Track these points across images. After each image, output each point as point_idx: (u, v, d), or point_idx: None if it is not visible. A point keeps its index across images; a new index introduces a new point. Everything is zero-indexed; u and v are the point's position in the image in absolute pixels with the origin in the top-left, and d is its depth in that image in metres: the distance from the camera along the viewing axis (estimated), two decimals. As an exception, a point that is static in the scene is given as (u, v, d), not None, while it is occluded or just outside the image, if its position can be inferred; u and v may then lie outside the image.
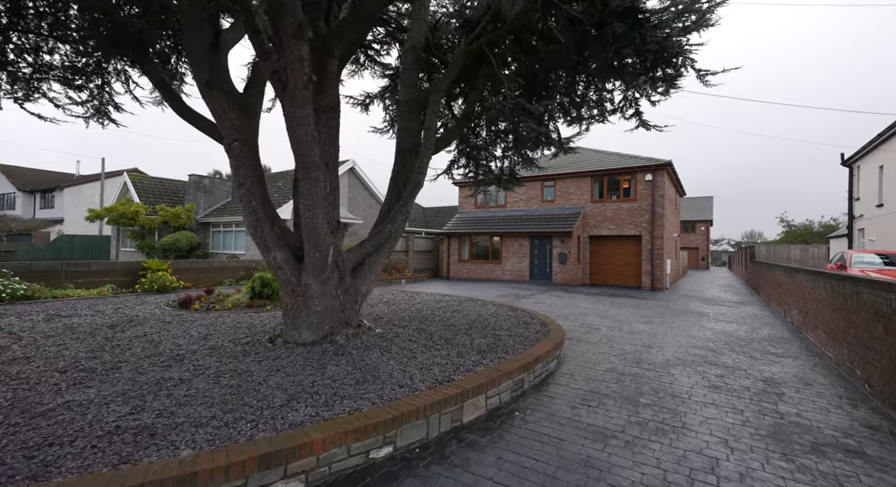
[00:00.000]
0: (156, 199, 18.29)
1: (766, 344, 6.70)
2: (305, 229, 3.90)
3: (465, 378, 3.77)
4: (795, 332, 7.72)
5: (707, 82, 5.47)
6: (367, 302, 8.42)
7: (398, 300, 9.05)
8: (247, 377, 3.41)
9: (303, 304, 4.12)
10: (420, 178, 5.29)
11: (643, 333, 7.23)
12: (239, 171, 3.84)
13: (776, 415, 3.75)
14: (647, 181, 15.99)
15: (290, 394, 3.11)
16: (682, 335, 7.18)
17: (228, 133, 3.79)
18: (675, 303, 11.56)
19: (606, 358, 5.54)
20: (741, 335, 7.35)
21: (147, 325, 5.49)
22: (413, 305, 8.24)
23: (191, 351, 4.09)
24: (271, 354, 3.98)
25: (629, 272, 16.62)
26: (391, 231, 5.08)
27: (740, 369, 5.20)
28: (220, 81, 3.77)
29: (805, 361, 5.68)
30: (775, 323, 8.77)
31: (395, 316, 6.72)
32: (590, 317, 8.73)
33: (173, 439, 2.36)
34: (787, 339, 7.08)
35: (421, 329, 5.65)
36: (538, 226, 17.31)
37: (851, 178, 17.35)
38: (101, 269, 8.95)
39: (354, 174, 19.14)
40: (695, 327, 7.97)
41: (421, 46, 6.07)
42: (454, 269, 19.53)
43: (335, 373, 3.60)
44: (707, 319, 8.95)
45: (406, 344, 4.65)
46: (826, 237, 26.54)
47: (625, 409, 3.81)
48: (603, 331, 7.30)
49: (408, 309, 7.71)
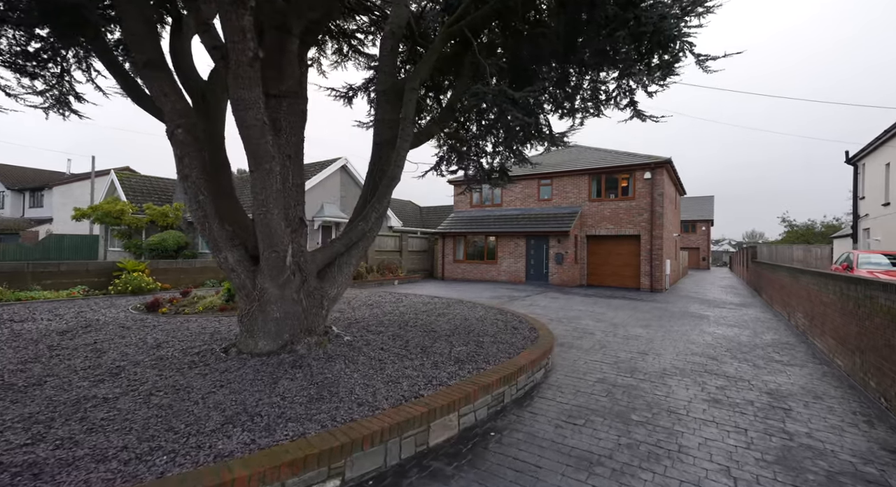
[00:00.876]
0: (144, 198, 17.89)
1: (769, 350, 6.28)
2: (259, 227, 3.50)
3: (435, 393, 3.37)
4: (801, 337, 7.30)
5: (707, 68, 5.06)
6: (349, 305, 8.01)
7: (383, 302, 8.64)
8: (184, 394, 3.00)
9: (259, 310, 3.72)
10: (396, 172, 4.89)
11: (639, 338, 6.82)
12: (183, 162, 3.44)
13: (784, 436, 3.34)
14: (645, 179, 15.57)
15: (227, 416, 2.70)
16: (681, 340, 6.77)
17: (171, 118, 3.38)
18: (674, 305, 11.15)
19: (598, 367, 5.13)
20: (743, 340, 6.94)
21: (102, 332, 5.09)
22: (398, 308, 7.83)
23: (133, 363, 3.68)
24: (221, 366, 3.57)
25: (627, 273, 16.20)
26: (364, 229, 4.67)
27: (743, 379, 4.79)
28: (161, 63, 3.35)
29: (813, 370, 5.27)
30: (779, 327, 8.36)
31: (374, 321, 6.32)
32: (584, 321, 8.32)
33: (61, 480, 1.95)
34: (792, 345, 6.67)
35: (398, 335, 5.24)
36: (534, 226, 16.89)
37: (856, 177, 16.91)
38: (73, 270, 8.55)
39: (346, 171, 18.73)
40: (694, 331, 7.56)
41: (401, 32, 5.67)
42: (449, 270, 19.12)
43: (287, 389, 3.19)
44: (707, 323, 8.54)
45: (376, 354, 4.24)
46: (829, 237, 26.10)
47: (614, 428, 3.40)
48: (597, 336, 6.89)
49: (391, 312, 7.31)
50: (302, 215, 4.14)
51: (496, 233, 17.79)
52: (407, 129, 4.96)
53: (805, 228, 39.06)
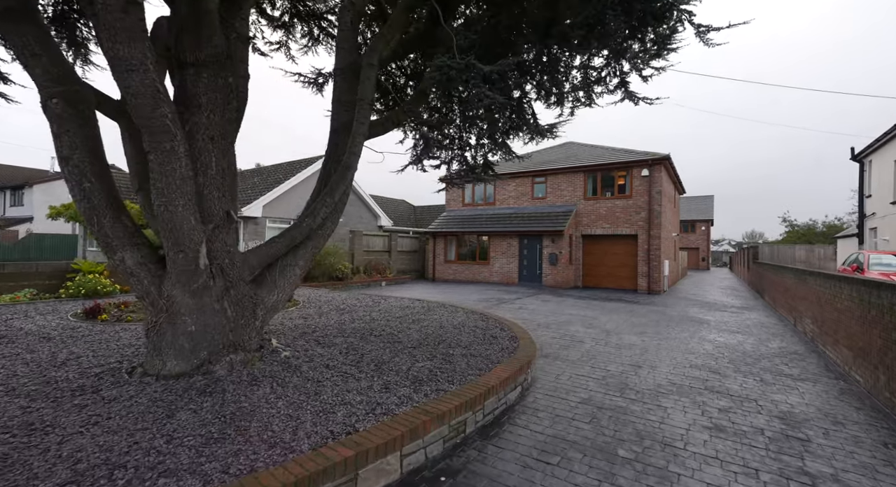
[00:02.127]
0: (125, 195, 17.21)
1: (777, 361, 5.65)
2: (161, 222, 2.86)
3: (374, 426, 2.73)
4: (810, 345, 6.67)
5: (709, 41, 4.42)
6: (319, 311, 7.36)
7: (358, 306, 7.99)
8: (38, 436, 2.35)
9: (168, 323, 3.07)
10: (351, 160, 4.24)
11: (633, 347, 6.18)
12: (62, 140, 2.78)
13: (805, 480, 2.70)
14: (643, 176, 14.93)
15: (77, 471, 2.05)
16: (679, 349, 6.13)
17: (43, 85, 2.73)
18: (672, 309, 10.51)
19: (584, 384, 4.48)
20: (747, 349, 6.30)
21: (15, 344, 4.43)
22: (370, 313, 7.18)
23: (10, 389, 3.03)
24: (111, 393, 2.92)
25: (624, 274, 15.56)
26: (311, 226, 4.02)
27: (749, 399, 4.15)
28: (26, 10, 2.65)
29: (828, 386, 4.63)
30: (784, 332, 7.72)
31: (336, 329, 5.67)
32: (574, 327, 7.67)
33: None
34: (801, 355, 6.03)
35: (353, 348, 4.59)
36: (528, 225, 16.24)
37: (862, 174, 16.28)
38: (22, 271, 7.90)
39: (334, 169, 18.07)
40: (693, 339, 6.92)
41: (362, 4, 5.03)
42: (440, 271, 18.47)
43: (182, 426, 2.55)
44: (708, 328, 7.90)
45: (317, 373, 3.58)
46: (833, 237, 25.48)
47: (595, 469, 2.76)
48: (586, 345, 6.25)
49: (360, 318, 6.66)
50: (230, 208, 3.49)
51: (488, 233, 17.14)
52: (364, 111, 4.32)
53: (806, 228, 38.46)
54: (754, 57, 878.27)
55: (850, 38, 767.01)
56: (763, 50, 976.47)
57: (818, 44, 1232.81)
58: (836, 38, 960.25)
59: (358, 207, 19.49)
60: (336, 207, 4.43)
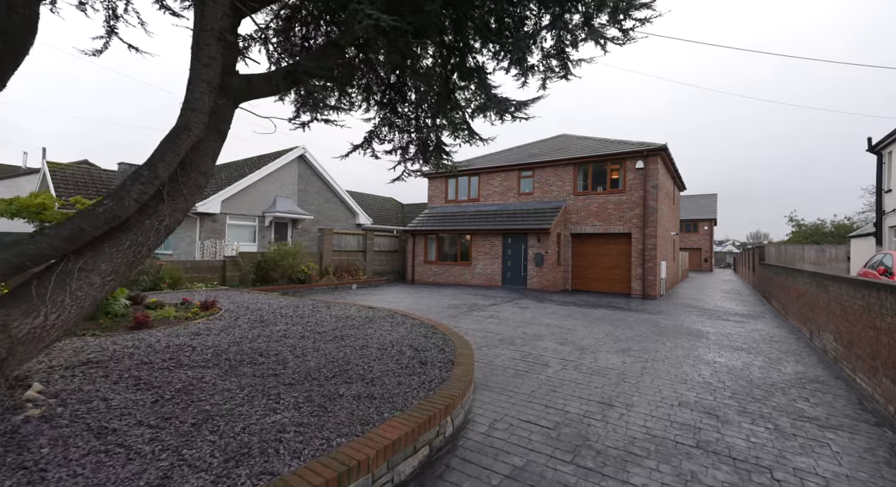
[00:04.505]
0: (77, 190, 16.01)
1: (794, 393, 4.32)
2: None
3: None
4: (833, 368, 5.33)
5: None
6: (230, 322, 6.06)
7: (287, 317, 6.70)
8: None
9: None
10: (188, 119, 2.95)
11: (609, 373, 4.86)
12: None
13: None
14: (637, 169, 13.58)
15: None
16: (667, 376, 4.81)
17: None
18: (667, 317, 9.17)
19: (526, 438, 3.18)
20: (755, 375, 4.98)
21: None
22: (290, 327, 5.89)
23: None
24: None
25: (616, 276, 14.21)
26: (115, 214, 2.74)
27: (761, 467, 2.83)
28: None
29: (871, 439, 3.30)
30: (799, 349, 6.39)
31: (207, 354, 4.38)
32: (544, 342, 6.36)
33: None
34: (825, 384, 4.70)
35: (192, 387, 3.27)
36: (512, 223, 14.92)
37: (880, 167, 14.85)
38: None
39: (305, 162, 16.79)
40: (688, 359, 5.59)
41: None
42: (420, 272, 17.17)
43: None
44: (706, 344, 6.57)
45: (55, 450, 2.25)
46: (845, 236, 24.00)
47: None
48: (550, 370, 4.93)
49: (268, 335, 5.37)
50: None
51: (470, 231, 15.82)
52: (210, 50, 3.03)
53: (814, 228, 36.90)
54: (755, 57, 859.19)
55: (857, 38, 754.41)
56: (765, 48, 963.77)
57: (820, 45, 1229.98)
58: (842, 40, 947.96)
59: (333, 204, 18.23)
60: (173, 191, 3.14)
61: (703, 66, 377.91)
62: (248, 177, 14.51)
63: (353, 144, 6.50)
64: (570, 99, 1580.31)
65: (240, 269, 11.60)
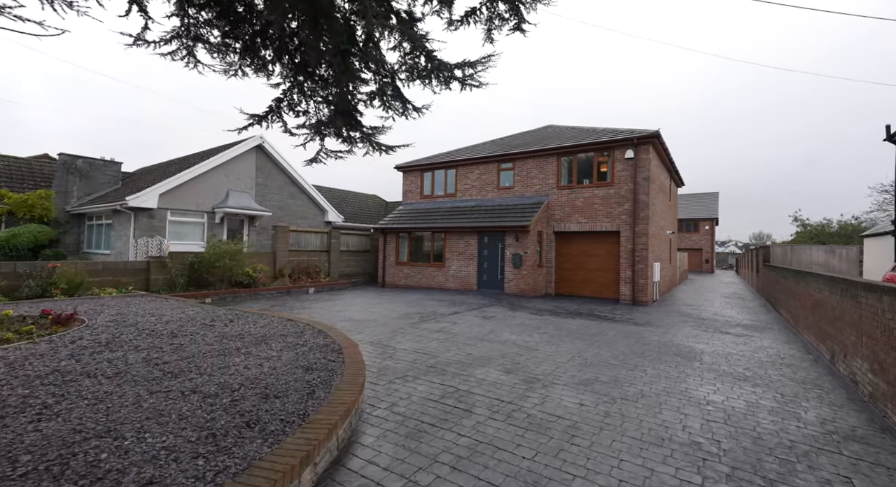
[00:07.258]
0: (11, 183, 14.60)
1: (828, 467, 2.82)
2: None
3: None
4: (871, 412, 3.81)
5: None
6: (61, 353, 4.56)
7: (147, 335, 5.20)
8: None
9: None
10: None
11: (554, 427, 3.36)
12: None
13: None
14: (627, 159, 12.07)
15: None
16: (636, 433, 3.30)
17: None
18: (655, 330, 7.65)
19: None
20: (764, 427, 3.48)
21: None
22: (131, 353, 4.40)
23: None
24: None
25: (604, 279, 12.70)
26: None
27: None
28: None
29: None
30: (820, 379, 4.88)
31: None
32: (486, 369, 4.87)
33: None
34: (868, 444, 3.19)
35: None
36: (488, 220, 13.43)
37: (899, 157, 13.27)
38: None
39: (264, 152, 15.29)
40: (671, 399, 4.09)
41: None
42: (391, 274, 15.67)
43: None
44: (698, 371, 5.06)
45: None
46: (856, 236, 22.41)
47: None
48: (470, 421, 3.43)
49: (49, 372, 3.88)
50: None
51: (444, 229, 14.32)
52: None
53: (819, 227, 35.29)
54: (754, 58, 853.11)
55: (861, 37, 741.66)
56: (762, 51, 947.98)
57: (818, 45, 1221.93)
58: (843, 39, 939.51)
59: (299, 200, 16.75)
60: None
61: (704, 67, 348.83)
62: (194, 168, 13.03)
63: (252, 115, 5.05)
64: (599, 97, 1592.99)
65: (167, 271, 10.12)
